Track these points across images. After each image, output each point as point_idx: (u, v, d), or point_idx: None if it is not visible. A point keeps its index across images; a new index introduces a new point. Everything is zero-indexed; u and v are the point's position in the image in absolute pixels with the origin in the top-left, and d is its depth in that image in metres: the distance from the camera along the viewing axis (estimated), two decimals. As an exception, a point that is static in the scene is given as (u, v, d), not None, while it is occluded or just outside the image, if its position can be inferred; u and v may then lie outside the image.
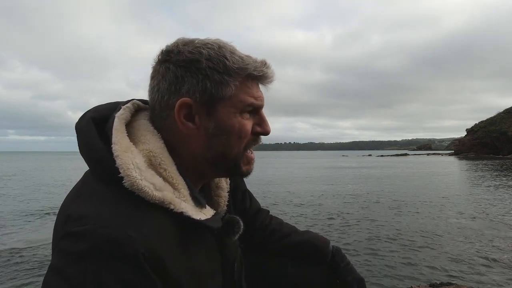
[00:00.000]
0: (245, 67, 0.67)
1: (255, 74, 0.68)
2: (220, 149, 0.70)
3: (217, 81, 0.66)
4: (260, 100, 0.72)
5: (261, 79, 0.71)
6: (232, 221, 0.81)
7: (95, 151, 0.64)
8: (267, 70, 0.70)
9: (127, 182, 0.59)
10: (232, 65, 0.66)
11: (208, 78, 0.65)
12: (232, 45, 0.70)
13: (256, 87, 0.71)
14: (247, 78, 0.69)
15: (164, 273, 0.56)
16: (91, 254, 0.52)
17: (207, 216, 0.68)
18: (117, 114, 0.68)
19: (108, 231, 0.53)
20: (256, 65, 0.69)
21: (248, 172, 0.76)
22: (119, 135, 0.64)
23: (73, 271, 0.51)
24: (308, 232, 1.13)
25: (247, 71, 0.67)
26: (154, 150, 0.66)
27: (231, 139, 0.69)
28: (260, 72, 0.69)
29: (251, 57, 0.70)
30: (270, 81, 0.72)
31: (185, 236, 0.64)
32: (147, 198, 0.59)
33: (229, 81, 0.66)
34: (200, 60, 0.66)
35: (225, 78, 0.66)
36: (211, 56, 0.66)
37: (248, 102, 0.69)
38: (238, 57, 0.68)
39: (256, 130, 0.73)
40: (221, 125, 0.68)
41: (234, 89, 0.67)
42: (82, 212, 0.57)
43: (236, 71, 0.67)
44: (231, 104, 0.68)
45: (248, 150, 0.74)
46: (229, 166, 0.72)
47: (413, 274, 3.32)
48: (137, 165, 0.61)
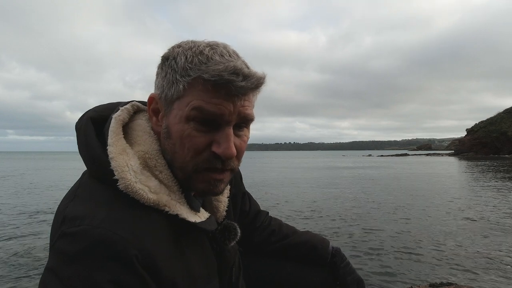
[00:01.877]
0: (199, 68, 0.60)
1: (205, 77, 0.59)
2: (170, 155, 0.66)
3: (169, 80, 0.63)
4: (217, 108, 0.60)
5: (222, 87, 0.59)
6: (229, 227, 0.81)
7: (91, 151, 0.64)
8: (231, 78, 0.58)
9: (122, 185, 0.58)
10: (186, 65, 0.61)
11: (167, 75, 0.64)
12: (223, 49, 0.64)
13: (216, 93, 0.60)
14: (200, 80, 0.60)
15: (158, 274, 0.56)
16: (85, 254, 0.52)
17: (201, 219, 0.67)
18: (115, 115, 0.68)
19: (101, 232, 0.53)
20: (217, 68, 0.59)
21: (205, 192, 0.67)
22: (115, 136, 0.64)
23: (67, 272, 0.51)
24: (308, 233, 1.12)
25: (199, 72, 0.59)
26: (149, 152, 0.65)
27: (176, 146, 0.64)
28: (216, 77, 0.58)
29: (226, 62, 0.60)
30: (242, 91, 0.60)
31: (180, 239, 0.64)
32: (142, 201, 0.59)
33: (179, 81, 0.61)
34: (168, 58, 0.65)
35: (176, 78, 0.62)
36: (177, 54, 0.63)
37: (195, 104, 0.60)
38: (204, 58, 0.61)
39: (212, 149, 0.63)
40: (169, 127, 0.64)
41: (182, 90, 0.61)
42: (77, 213, 0.56)
43: (188, 71, 0.60)
44: (179, 106, 0.62)
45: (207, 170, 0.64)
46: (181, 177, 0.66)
47: (413, 274, 3.30)
48: (132, 168, 0.60)
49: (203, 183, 0.65)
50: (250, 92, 0.63)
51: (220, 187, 0.67)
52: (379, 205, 7.43)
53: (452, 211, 6.62)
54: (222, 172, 0.66)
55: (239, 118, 0.64)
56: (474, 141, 64.72)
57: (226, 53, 0.63)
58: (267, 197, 8.88)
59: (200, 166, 0.63)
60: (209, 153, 0.63)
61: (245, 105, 0.63)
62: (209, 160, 0.63)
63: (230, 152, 0.62)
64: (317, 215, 6.37)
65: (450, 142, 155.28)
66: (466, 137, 69.94)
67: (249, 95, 0.63)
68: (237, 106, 0.62)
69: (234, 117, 0.62)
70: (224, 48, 0.64)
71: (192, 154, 0.62)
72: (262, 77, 0.62)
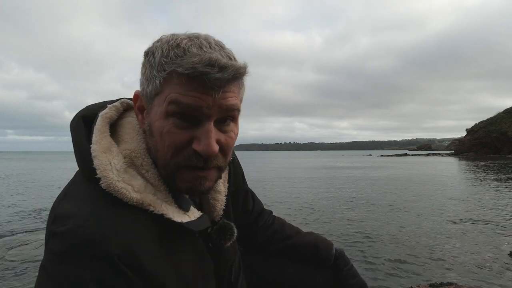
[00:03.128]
0: (174, 61, 0.58)
1: (179, 70, 0.57)
2: (153, 153, 0.64)
3: (148, 76, 0.62)
4: (194, 101, 0.58)
5: (197, 79, 0.57)
6: (225, 227, 0.79)
7: (79, 150, 0.64)
8: (206, 70, 0.56)
9: (104, 183, 0.58)
10: (162, 59, 0.59)
11: (145, 72, 0.63)
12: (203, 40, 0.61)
13: (192, 86, 0.57)
14: (175, 74, 0.58)
15: (142, 273, 0.55)
16: (71, 254, 0.52)
17: (191, 218, 0.65)
18: (101, 113, 0.67)
19: (86, 231, 0.53)
20: (192, 61, 0.56)
21: (190, 190, 0.65)
22: (100, 134, 0.63)
23: (55, 270, 0.52)
24: (311, 234, 1.10)
25: (173, 66, 0.57)
26: (136, 150, 0.64)
27: (157, 143, 0.62)
28: (189, 70, 0.56)
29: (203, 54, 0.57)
30: (219, 83, 0.57)
31: (168, 239, 0.62)
32: (125, 200, 0.58)
33: (156, 76, 0.60)
34: (148, 53, 0.63)
35: (153, 73, 0.60)
36: (156, 49, 0.61)
37: (171, 98, 0.58)
38: (180, 51, 0.58)
39: (193, 146, 0.60)
40: (151, 124, 0.63)
41: (159, 85, 0.59)
42: (66, 211, 0.57)
43: (164, 66, 0.58)
44: (159, 102, 0.60)
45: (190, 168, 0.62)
46: (164, 176, 0.64)
47: (413, 274, 3.29)
48: (115, 166, 0.60)
49: (186, 181, 0.63)
50: (228, 84, 0.59)
51: (205, 185, 0.65)
52: (379, 205, 7.42)
53: (452, 211, 6.61)
54: (205, 170, 0.63)
55: (221, 111, 0.61)
56: (474, 141, 64.69)
57: (206, 45, 0.60)
58: (267, 197, 8.87)
59: (181, 164, 0.61)
60: (190, 151, 0.60)
61: (226, 96, 0.60)
62: (189, 157, 0.61)
63: (211, 149, 0.59)
64: (317, 215, 6.36)
65: (450, 142, 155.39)
66: (466, 137, 69.91)
67: (230, 87, 0.60)
68: (216, 99, 0.59)
69: (215, 110, 0.60)
70: (205, 39, 0.61)
71: (173, 151, 0.60)
72: (242, 67, 0.59)
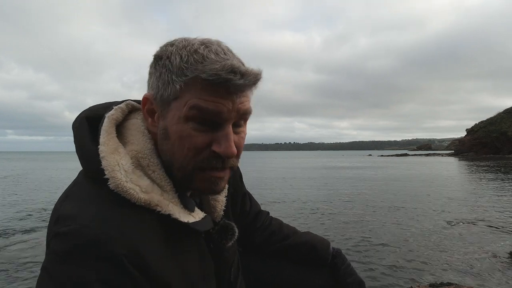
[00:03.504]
0: (196, 67, 0.59)
1: (203, 76, 0.58)
2: (168, 155, 0.65)
3: (165, 80, 0.62)
4: (215, 106, 0.60)
5: (220, 85, 0.59)
6: (227, 227, 0.80)
7: (84, 151, 0.64)
8: (229, 76, 0.58)
9: (112, 184, 0.58)
10: (182, 64, 0.60)
11: (161, 76, 0.63)
12: (217, 46, 0.63)
13: (214, 92, 0.60)
14: (197, 80, 0.59)
15: (148, 273, 0.56)
16: (74, 254, 0.52)
17: (196, 219, 0.67)
18: (108, 114, 0.67)
19: (91, 232, 0.53)
20: (214, 67, 0.58)
21: (207, 190, 0.68)
22: (107, 135, 0.64)
23: (58, 271, 0.52)
24: (309, 233, 1.11)
25: (196, 72, 0.59)
26: (142, 151, 0.65)
27: (174, 146, 0.63)
28: (214, 76, 0.58)
29: (223, 60, 0.60)
30: (240, 89, 0.61)
31: (173, 239, 0.63)
32: (133, 200, 0.59)
33: (176, 81, 0.60)
34: (162, 57, 0.64)
35: (172, 78, 0.61)
36: (171, 54, 0.62)
37: (192, 103, 0.60)
38: (200, 57, 0.60)
39: (212, 148, 0.62)
40: (168, 128, 0.63)
41: (179, 90, 0.61)
42: (69, 212, 0.57)
43: (184, 71, 0.60)
44: (177, 107, 0.62)
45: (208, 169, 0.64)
46: (180, 178, 0.66)
47: (413, 274, 3.30)
48: (123, 167, 0.60)
49: (203, 182, 0.65)
50: (248, 89, 0.63)
51: (221, 185, 0.67)
52: (378, 205, 7.43)
53: (452, 211, 6.62)
54: (223, 170, 0.66)
55: (238, 115, 0.64)
56: (474, 141, 64.65)
57: (221, 51, 0.62)
58: (267, 197, 8.87)
59: (200, 166, 0.63)
60: (209, 152, 0.62)
61: (243, 101, 0.63)
62: (209, 159, 0.63)
63: (231, 151, 0.62)
64: (317, 216, 6.37)
65: (450, 142, 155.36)
66: (466, 137, 69.87)
67: (246, 92, 0.63)
68: (235, 104, 0.62)
69: (233, 115, 0.62)
70: (218, 45, 0.63)
71: (193, 153, 0.62)
72: (259, 73, 0.62)
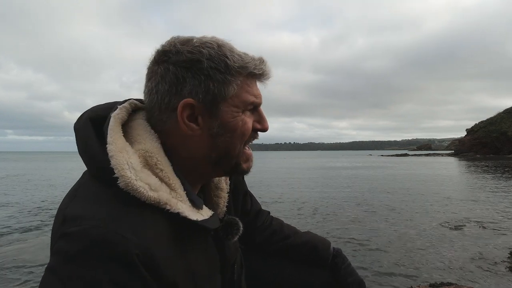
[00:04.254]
0: (245, 65, 0.67)
1: (255, 72, 0.68)
2: (224, 148, 0.70)
3: (219, 81, 0.65)
4: (259, 98, 0.72)
5: (260, 77, 0.71)
6: (231, 222, 0.81)
7: (91, 151, 0.64)
8: (265, 68, 0.70)
9: (122, 183, 0.58)
10: (233, 64, 0.66)
11: (210, 78, 0.64)
12: (230, 43, 0.69)
13: (255, 85, 0.71)
14: (248, 76, 0.69)
15: (159, 273, 0.56)
16: (85, 254, 0.52)
17: (204, 216, 0.67)
18: (113, 114, 0.68)
19: (102, 232, 0.53)
20: (256, 63, 0.68)
21: (248, 169, 0.76)
22: (115, 135, 0.64)
23: (67, 271, 0.51)
24: (309, 233, 1.12)
25: (247, 69, 0.67)
26: (150, 150, 0.65)
27: (234, 137, 0.69)
28: (260, 70, 0.69)
29: (248, 55, 0.69)
30: (268, 77, 0.72)
31: (182, 237, 0.64)
32: (143, 199, 0.59)
33: (232, 81, 0.66)
34: (201, 60, 0.64)
35: (228, 78, 0.65)
36: (212, 56, 0.65)
37: (250, 100, 0.69)
38: (238, 56, 0.67)
39: (256, 127, 0.73)
40: (225, 124, 0.68)
41: (236, 88, 0.67)
42: (78, 212, 0.57)
43: (238, 70, 0.66)
44: (233, 103, 0.67)
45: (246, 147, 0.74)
46: (231, 165, 0.72)
47: (413, 274, 3.30)
48: (132, 165, 0.60)
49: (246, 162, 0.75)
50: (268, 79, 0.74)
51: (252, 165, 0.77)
52: (378, 205, 7.42)
53: (452, 211, 6.61)
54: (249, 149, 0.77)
55: None
56: (474, 141, 64.64)
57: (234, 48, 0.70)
58: (268, 198, 8.87)
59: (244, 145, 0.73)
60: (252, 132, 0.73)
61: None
62: (253, 136, 0.74)
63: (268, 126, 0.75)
64: (317, 216, 6.36)
65: (450, 142, 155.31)
66: (466, 137, 69.87)
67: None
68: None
69: None
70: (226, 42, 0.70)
71: (243, 137, 0.71)
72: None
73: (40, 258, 3.86)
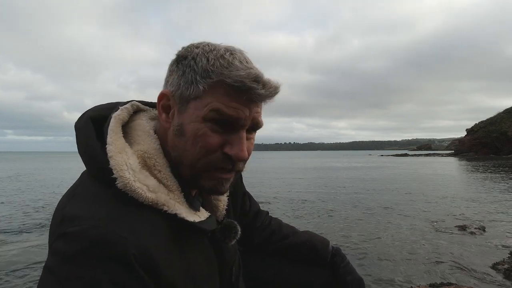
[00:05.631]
0: (221, 72, 0.62)
1: (228, 81, 0.61)
2: (179, 152, 0.66)
3: (188, 80, 0.64)
4: (235, 112, 0.63)
5: (242, 92, 0.62)
6: (230, 225, 0.81)
7: (90, 150, 0.64)
8: (253, 85, 0.61)
9: (120, 183, 0.58)
10: (208, 67, 0.62)
11: (184, 74, 0.65)
12: (240, 54, 0.66)
13: (235, 98, 0.62)
14: (222, 84, 0.62)
15: (157, 274, 0.56)
16: (84, 254, 0.51)
17: (201, 218, 0.67)
18: (114, 115, 0.68)
19: (100, 232, 0.53)
20: (240, 74, 0.61)
21: (212, 190, 0.69)
22: (114, 135, 0.64)
23: (65, 272, 0.51)
24: (308, 232, 1.12)
25: (221, 76, 0.62)
26: (148, 151, 0.65)
27: (187, 143, 0.65)
28: (239, 83, 0.61)
29: (247, 69, 0.62)
30: (260, 98, 0.64)
31: (179, 238, 0.64)
32: (141, 200, 0.59)
33: (200, 82, 0.63)
34: (187, 57, 0.65)
35: (196, 78, 0.63)
36: (197, 55, 0.65)
37: (214, 106, 0.62)
38: (226, 62, 0.62)
39: (224, 150, 0.65)
40: (183, 125, 0.65)
41: (202, 91, 0.62)
42: (76, 212, 0.56)
43: (209, 73, 0.62)
44: (197, 106, 0.64)
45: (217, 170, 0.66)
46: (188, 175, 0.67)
47: (413, 274, 3.30)
48: (131, 166, 0.60)
49: (211, 181, 0.67)
50: (266, 100, 0.66)
51: (226, 187, 0.69)
52: (379, 205, 7.42)
53: (452, 211, 6.61)
54: (230, 173, 0.68)
55: (252, 123, 0.67)
56: (474, 141, 64.64)
57: (244, 60, 0.65)
58: (266, 196, 8.87)
59: (210, 166, 0.65)
60: (221, 154, 0.65)
61: (258, 111, 0.67)
62: (220, 160, 0.65)
63: (243, 155, 0.65)
64: (318, 217, 6.36)
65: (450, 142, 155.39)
66: (466, 137, 69.88)
67: (265, 102, 0.67)
68: (252, 112, 0.65)
69: (248, 122, 0.65)
70: (241, 54, 0.66)
71: (204, 153, 0.64)
72: (278, 86, 0.65)
73: (40, 258, 3.86)
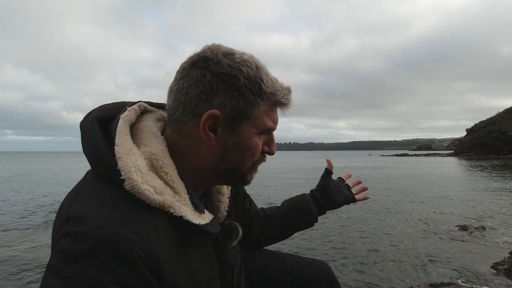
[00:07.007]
0: (275, 92, 0.70)
1: (282, 101, 0.71)
2: (233, 163, 0.71)
3: (249, 101, 0.67)
4: (276, 124, 0.74)
5: (285, 106, 0.73)
6: (231, 227, 0.83)
7: (97, 151, 0.64)
8: (290, 98, 0.73)
9: (128, 185, 0.58)
10: (265, 89, 0.68)
11: (242, 96, 0.66)
12: (266, 66, 0.71)
13: (276, 112, 0.74)
14: (277, 104, 0.72)
15: (162, 275, 0.56)
16: (89, 254, 0.51)
17: (206, 220, 0.68)
18: (123, 115, 0.68)
19: (106, 232, 0.53)
20: (284, 92, 0.71)
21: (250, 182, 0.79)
22: (123, 136, 0.64)
23: (70, 271, 0.51)
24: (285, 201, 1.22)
25: (276, 97, 0.70)
26: (156, 153, 0.66)
27: (245, 155, 0.71)
28: (286, 100, 0.72)
29: (278, 82, 0.71)
30: (290, 107, 0.74)
31: (184, 240, 0.65)
32: (148, 201, 0.59)
33: (260, 104, 0.68)
34: (239, 78, 0.66)
35: (257, 100, 0.68)
36: (249, 76, 0.67)
37: (269, 125, 0.72)
38: (271, 81, 0.69)
39: (264, 149, 0.75)
40: (241, 142, 0.70)
41: (261, 111, 0.69)
42: (82, 212, 0.56)
43: (268, 96, 0.69)
44: (254, 124, 0.69)
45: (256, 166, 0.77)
46: (236, 177, 0.75)
47: (413, 274, 3.31)
48: (139, 168, 0.61)
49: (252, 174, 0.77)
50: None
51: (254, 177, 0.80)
52: (379, 205, 7.43)
53: (452, 211, 6.61)
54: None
55: None
56: (474, 141, 64.63)
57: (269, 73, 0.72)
58: (266, 196, 8.88)
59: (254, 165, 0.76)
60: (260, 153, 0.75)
61: None
62: (260, 159, 0.76)
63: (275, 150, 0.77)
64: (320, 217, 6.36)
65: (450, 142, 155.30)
66: (466, 137, 69.87)
67: None
68: None
69: None
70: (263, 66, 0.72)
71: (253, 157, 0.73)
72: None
73: (41, 258, 3.87)
